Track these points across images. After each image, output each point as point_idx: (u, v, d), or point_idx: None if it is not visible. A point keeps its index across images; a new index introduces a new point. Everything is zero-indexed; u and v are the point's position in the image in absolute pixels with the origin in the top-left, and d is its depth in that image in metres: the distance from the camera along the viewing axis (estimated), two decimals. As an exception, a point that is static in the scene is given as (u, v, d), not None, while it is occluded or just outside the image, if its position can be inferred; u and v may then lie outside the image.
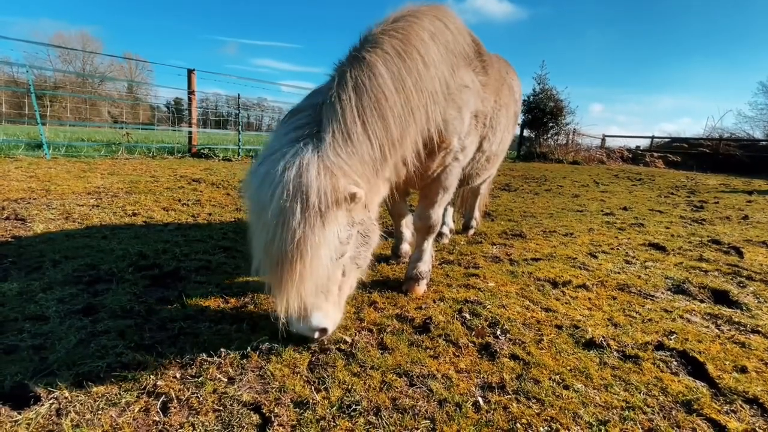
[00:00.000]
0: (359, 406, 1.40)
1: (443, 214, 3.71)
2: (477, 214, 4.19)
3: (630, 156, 20.22)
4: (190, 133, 10.58)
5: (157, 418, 1.32)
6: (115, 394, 1.41)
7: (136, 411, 1.34)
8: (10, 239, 2.95)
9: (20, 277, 2.32)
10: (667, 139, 23.96)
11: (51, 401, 1.36)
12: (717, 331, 2.12)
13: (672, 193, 8.49)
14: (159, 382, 1.48)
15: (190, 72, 10.03)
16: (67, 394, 1.39)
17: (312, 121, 1.61)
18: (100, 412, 1.33)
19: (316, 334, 1.66)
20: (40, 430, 1.24)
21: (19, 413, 1.30)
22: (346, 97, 1.61)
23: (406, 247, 3.10)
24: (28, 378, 1.46)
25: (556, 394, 1.53)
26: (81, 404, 1.36)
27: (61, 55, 40.77)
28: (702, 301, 2.53)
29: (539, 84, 18.93)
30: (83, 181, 5.46)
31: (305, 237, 1.38)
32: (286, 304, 1.46)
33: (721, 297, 2.61)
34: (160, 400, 1.40)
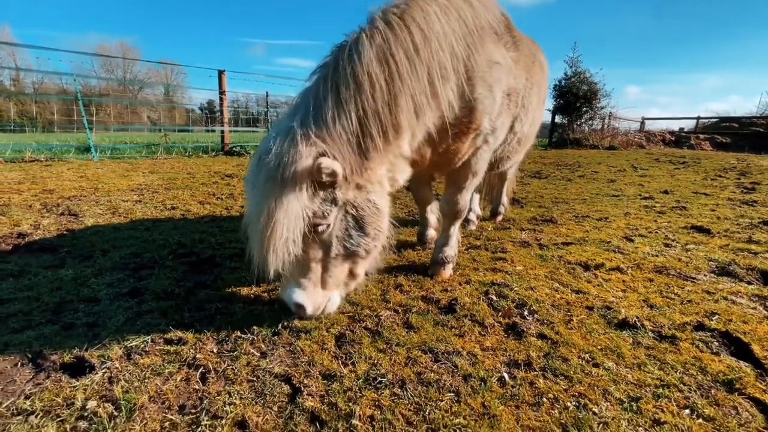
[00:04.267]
0: (385, 379, 1.43)
1: (470, 199, 3.66)
2: (505, 199, 4.11)
3: (673, 139, 19.04)
4: (222, 132, 10.98)
5: (196, 387, 1.42)
6: (159, 366, 1.53)
7: (178, 380, 1.45)
8: (65, 232, 3.21)
9: (74, 265, 2.53)
10: (714, 120, 22.37)
11: (104, 370, 1.49)
12: (766, 312, 1.99)
13: (719, 176, 7.92)
14: (198, 356, 1.58)
15: (220, 73, 10.39)
16: (117, 365, 1.52)
17: (299, 103, 1.72)
18: (146, 380, 1.44)
19: (293, 308, 1.73)
20: (94, 394, 1.36)
21: (77, 380, 1.43)
22: (324, 73, 1.67)
23: (432, 233, 3.09)
24: (83, 351, 1.60)
25: (585, 371, 1.50)
26: (130, 374, 1.48)
27: (104, 65, 43.33)
28: (749, 283, 2.38)
29: (571, 67, 18.18)
30: (127, 179, 5.82)
31: (264, 200, 1.50)
32: (260, 264, 1.58)
33: (771, 279, 2.44)
34: (199, 371, 1.50)
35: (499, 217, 4.02)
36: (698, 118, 21.82)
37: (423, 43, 1.75)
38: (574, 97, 17.75)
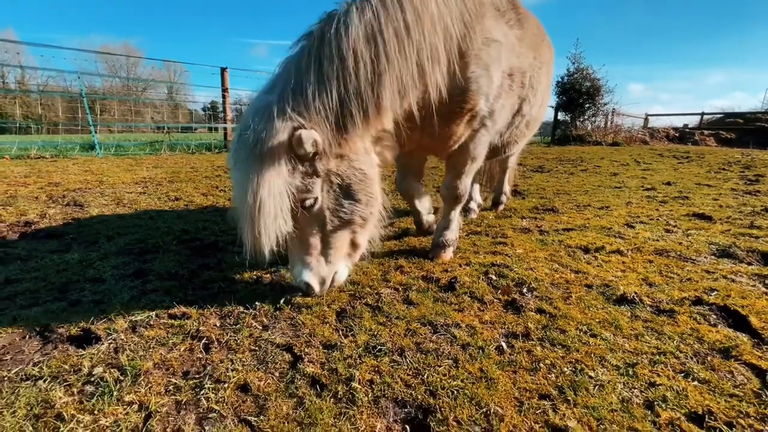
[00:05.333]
0: (384, 347, 1.46)
1: (470, 189, 3.64)
2: (507, 188, 4.09)
3: (677, 135, 18.92)
4: (225, 129, 11.05)
5: (200, 356, 1.45)
6: (164, 337, 1.56)
7: (182, 350, 1.48)
8: (70, 221, 3.26)
9: (80, 250, 2.57)
10: (719, 116, 22.21)
11: (110, 341, 1.52)
12: (765, 289, 2.00)
13: (723, 169, 7.88)
14: (201, 328, 1.61)
15: (223, 70, 10.46)
16: (123, 337, 1.55)
17: (280, 74, 1.66)
18: (151, 350, 1.47)
19: (302, 287, 1.72)
20: (101, 362, 1.40)
21: (84, 349, 1.47)
22: (309, 45, 1.61)
23: (429, 218, 2.92)
24: (90, 324, 1.64)
25: (583, 341, 1.51)
26: (135, 344, 1.51)
27: (107, 64, 43.53)
28: (750, 264, 2.38)
29: (574, 63, 18.11)
30: (131, 173, 5.88)
31: (246, 180, 1.47)
32: (252, 244, 1.54)
33: (772, 260, 2.44)
34: (203, 342, 1.53)
35: (501, 207, 4.00)
36: (702, 114, 21.69)
37: (415, 21, 1.68)
38: (577, 94, 17.68)
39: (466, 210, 3.63)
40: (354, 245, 1.83)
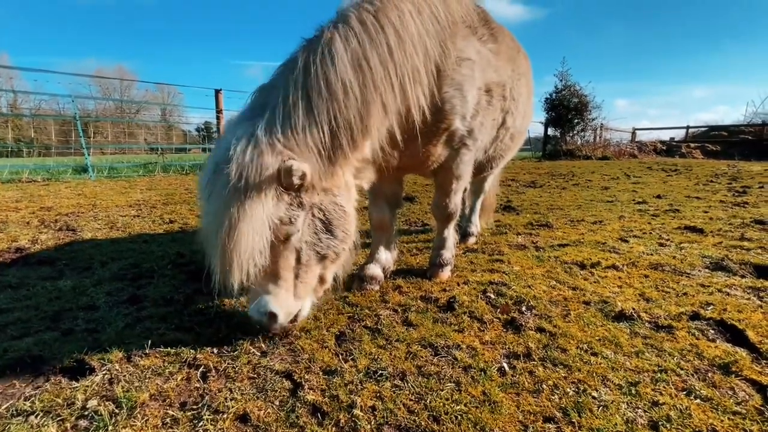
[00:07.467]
0: (385, 372, 1.44)
1: (470, 215, 3.58)
2: (476, 219, 3.65)
3: (664, 148, 19.34)
4: (219, 150, 11.08)
5: (197, 385, 1.42)
6: (160, 366, 1.53)
7: (179, 379, 1.45)
8: (63, 246, 3.22)
9: (73, 276, 2.53)
10: (704, 129, 22.81)
11: (104, 372, 1.48)
12: (759, 302, 2.02)
13: (711, 181, 8.05)
14: (198, 356, 1.58)
15: (217, 92, 10.56)
16: (118, 367, 1.52)
17: (263, 104, 1.60)
18: (147, 380, 1.44)
19: (264, 319, 1.56)
20: (95, 394, 1.36)
21: (77, 382, 1.43)
22: (293, 78, 1.56)
23: (375, 271, 2.35)
24: (83, 354, 1.60)
25: (584, 360, 1.51)
26: (130, 374, 1.47)
27: (101, 88, 43.86)
28: (743, 277, 2.41)
29: (561, 81, 18.58)
30: (125, 196, 5.85)
31: (225, 211, 1.38)
32: (221, 278, 1.46)
33: (764, 272, 2.47)
34: (200, 370, 1.50)
35: (471, 240, 3.43)
36: (688, 127, 22.25)
37: (397, 45, 1.67)
38: (566, 110, 18.08)
39: (465, 235, 3.43)
40: (322, 280, 1.76)
